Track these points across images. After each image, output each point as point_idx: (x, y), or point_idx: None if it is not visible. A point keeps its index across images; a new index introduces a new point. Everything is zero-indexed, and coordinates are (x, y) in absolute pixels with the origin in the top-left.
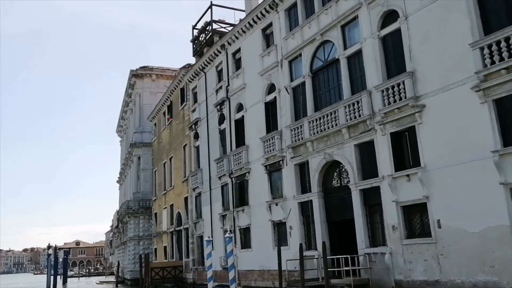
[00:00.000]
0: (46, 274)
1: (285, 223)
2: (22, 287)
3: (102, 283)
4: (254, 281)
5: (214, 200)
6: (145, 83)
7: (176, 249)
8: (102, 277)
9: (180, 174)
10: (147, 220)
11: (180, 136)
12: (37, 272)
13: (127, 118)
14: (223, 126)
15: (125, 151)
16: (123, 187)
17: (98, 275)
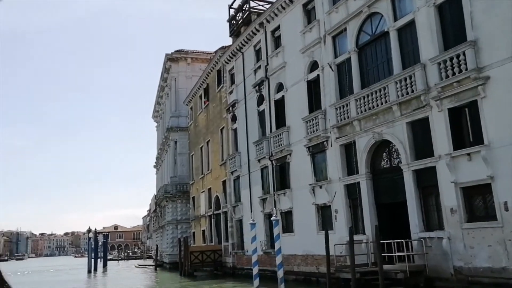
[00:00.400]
0: (87, 257)
1: (330, 206)
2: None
3: (141, 267)
4: (297, 266)
5: (253, 183)
6: (180, 67)
7: (214, 233)
8: (140, 261)
9: (218, 158)
10: (184, 204)
11: (217, 119)
12: (78, 255)
13: (163, 103)
14: (262, 107)
15: (161, 136)
16: (160, 172)
17: (136, 258)
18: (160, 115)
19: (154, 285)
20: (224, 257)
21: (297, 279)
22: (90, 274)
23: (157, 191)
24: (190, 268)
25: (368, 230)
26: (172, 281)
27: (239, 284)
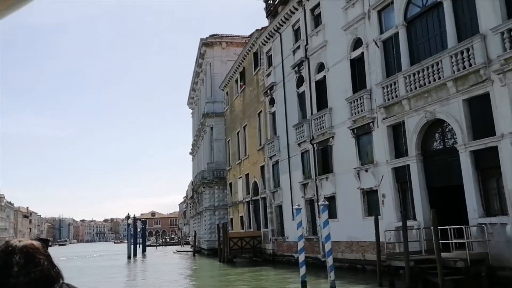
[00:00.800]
0: (127, 243)
1: (377, 191)
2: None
3: (179, 253)
4: (341, 253)
5: (293, 168)
6: (215, 52)
7: (253, 219)
8: (178, 247)
9: (255, 143)
10: (221, 190)
11: (254, 103)
12: (117, 241)
13: (198, 89)
14: (302, 89)
15: (197, 123)
16: (196, 159)
17: (174, 244)
18: (196, 101)
19: (194, 271)
20: (264, 243)
21: (341, 267)
22: (130, 260)
23: (194, 178)
24: (229, 255)
25: (419, 215)
26: (211, 267)
27: (280, 271)
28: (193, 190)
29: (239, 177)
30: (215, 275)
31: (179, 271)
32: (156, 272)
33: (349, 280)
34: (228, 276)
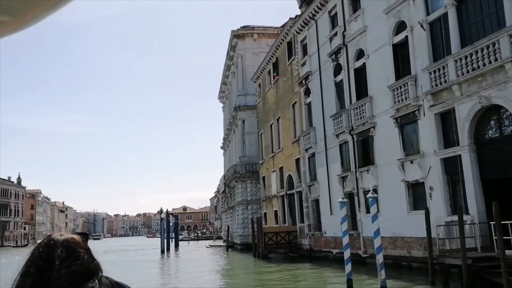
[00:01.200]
0: (160, 237)
1: (423, 183)
2: (136, 248)
3: (212, 247)
4: (384, 249)
5: (331, 160)
6: (246, 44)
7: (288, 213)
8: (210, 241)
9: (290, 135)
10: (254, 184)
11: (288, 94)
12: (150, 235)
13: (229, 83)
14: (340, 77)
15: (228, 117)
16: (228, 153)
17: (205, 239)
18: (226, 95)
19: (228, 267)
20: (300, 238)
21: (385, 263)
22: (163, 255)
23: (226, 172)
24: (264, 250)
25: (473, 209)
26: (246, 263)
27: (318, 267)
28: (225, 185)
29: (272, 170)
30: (251, 271)
31: (213, 267)
32: (190, 268)
33: (397, 278)
34: (264, 273)
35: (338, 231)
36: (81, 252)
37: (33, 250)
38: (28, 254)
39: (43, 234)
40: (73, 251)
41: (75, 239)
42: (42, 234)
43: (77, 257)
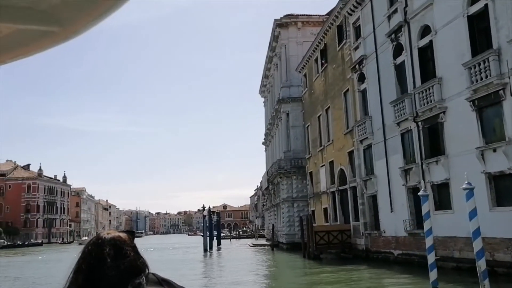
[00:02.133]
0: (203, 236)
1: (510, 174)
2: (178, 246)
3: (256, 246)
4: (459, 251)
5: (391, 152)
6: (290, 33)
7: (340, 211)
8: (252, 240)
9: (341, 126)
10: (300, 181)
11: (338, 82)
12: (191, 233)
13: (271, 75)
14: (401, 59)
15: (270, 111)
16: (270, 148)
17: (247, 237)
18: (268, 89)
19: (276, 268)
20: (354, 238)
21: (460, 267)
22: (206, 253)
23: (269, 168)
24: (315, 250)
25: None
26: (295, 263)
27: (378, 270)
28: (268, 181)
29: (321, 165)
30: (302, 273)
31: (260, 267)
32: (236, 268)
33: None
34: (317, 275)
35: (400, 230)
36: (128, 250)
37: (83, 248)
38: (79, 252)
39: (88, 231)
40: (120, 249)
41: (121, 237)
42: (87, 231)
43: (125, 255)
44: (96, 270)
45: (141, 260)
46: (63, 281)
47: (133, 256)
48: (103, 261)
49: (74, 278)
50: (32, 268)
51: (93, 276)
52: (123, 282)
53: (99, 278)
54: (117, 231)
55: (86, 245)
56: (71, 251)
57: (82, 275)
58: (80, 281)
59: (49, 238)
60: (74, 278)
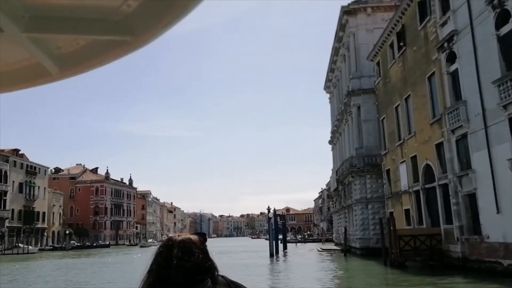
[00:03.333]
0: (265, 239)
1: None
2: (242, 250)
3: (325, 251)
4: None
5: (494, 141)
6: (359, 20)
7: (426, 212)
8: (318, 244)
9: (425, 115)
10: (375, 180)
11: (421, 65)
12: (254, 236)
13: (338, 68)
14: (507, 29)
15: (337, 106)
16: (338, 147)
17: (313, 241)
18: (334, 83)
19: (356, 276)
20: (446, 244)
21: None
22: (272, 258)
23: (338, 168)
24: (399, 257)
25: None
26: (375, 271)
27: (482, 284)
28: (337, 181)
29: (401, 161)
30: (384, 283)
31: (335, 276)
32: (307, 276)
33: None
34: (405, 287)
35: (510, 235)
36: (196, 252)
37: (156, 249)
38: (153, 252)
39: (153, 234)
40: (189, 251)
41: (191, 239)
42: (152, 233)
43: (192, 256)
44: (165, 271)
45: (210, 262)
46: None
47: (201, 258)
48: (170, 262)
49: (146, 277)
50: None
51: (162, 276)
52: (188, 282)
53: (167, 278)
54: (189, 234)
55: (158, 247)
56: (137, 253)
57: (152, 275)
58: (150, 280)
59: (117, 240)
60: (146, 278)
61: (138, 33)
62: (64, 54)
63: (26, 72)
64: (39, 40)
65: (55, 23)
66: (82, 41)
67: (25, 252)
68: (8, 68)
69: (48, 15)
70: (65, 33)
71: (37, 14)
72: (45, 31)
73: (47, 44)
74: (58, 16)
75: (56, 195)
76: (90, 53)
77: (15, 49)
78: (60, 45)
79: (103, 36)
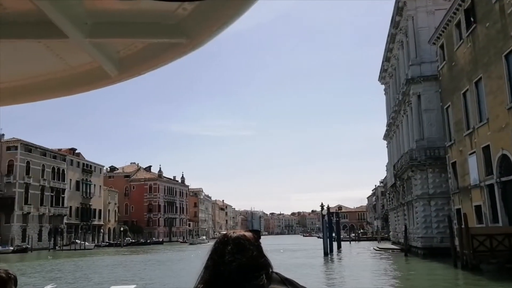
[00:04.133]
0: (318, 237)
1: None
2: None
3: (381, 250)
4: None
5: None
6: (418, 2)
7: (502, 209)
8: (373, 243)
9: (502, 99)
10: (438, 174)
11: (496, 43)
12: (306, 234)
13: (395, 56)
14: None
15: (393, 98)
16: (395, 140)
17: (367, 239)
18: (391, 72)
19: (423, 280)
20: None
21: None
22: (327, 257)
23: (396, 162)
24: (473, 259)
25: None
26: (446, 275)
27: None
28: (395, 177)
29: (470, 152)
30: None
31: (399, 279)
32: (367, 278)
33: None
34: None
35: None
36: (250, 248)
37: (212, 246)
38: (209, 249)
39: (205, 231)
40: (243, 247)
41: (246, 236)
42: (205, 230)
43: (246, 253)
44: (219, 267)
45: (264, 259)
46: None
47: (255, 254)
48: (225, 258)
49: (202, 273)
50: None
51: (217, 271)
52: (243, 278)
53: (222, 274)
54: (243, 231)
55: (214, 243)
56: (190, 249)
57: (208, 271)
58: (206, 276)
59: (170, 237)
60: (203, 273)
61: (193, 35)
62: (123, 57)
63: (87, 75)
64: (100, 44)
65: (115, 28)
66: (139, 45)
67: (82, 248)
68: (72, 72)
69: (108, 21)
70: (124, 37)
71: (98, 20)
72: (106, 36)
73: (107, 48)
74: (118, 22)
75: (111, 192)
76: (147, 56)
77: (78, 54)
78: (119, 49)
79: (159, 39)
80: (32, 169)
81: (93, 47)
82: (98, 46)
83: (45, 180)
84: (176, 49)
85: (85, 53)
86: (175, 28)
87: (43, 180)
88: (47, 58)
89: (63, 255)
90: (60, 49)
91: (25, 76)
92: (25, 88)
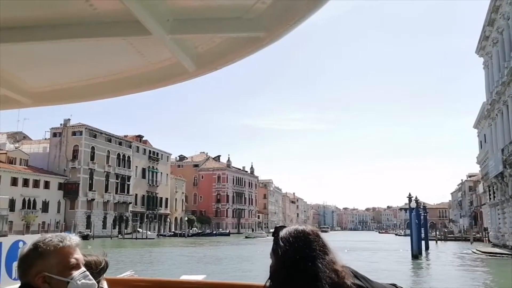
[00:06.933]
0: (401, 235)
1: None
2: (372, 247)
3: (485, 254)
4: None
5: None
6: None
7: None
8: (463, 243)
9: None
10: None
11: None
12: (382, 231)
13: (502, 15)
14: None
15: (499, 70)
16: (500, 120)
17: (455, 239)
18: (495, 38)
19: None
20: None
21: None
22: (417, 261)
23: (505, 146)
24: None
25: None
26: None
27: None
28: (504, 164)
29: None
30: None
31: None
32: None
33: None
34: None
35: None
36: (315, 241)
37: (282, 241)
38: (280, 243)
39: (275, 224)
40: (308, 241)
41: (305, 230)
42: (274, 223)
43: (311, 246)
44: (300, 262)
45: (329, 257)
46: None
47: (320, 248)
48: (299, 253)
49: (278, 269)
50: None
51: (297, 267)
52: (313, 272)
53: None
54: (310, 226)
55: (284, 238)
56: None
57: (283, 267)
58: (284, 273)
59: (238, 229)
60: (279, 269)
61: (271, 29)
62: (201, 52)
63: (167, 70)
64: (181, 40)
65: (195, 24)
66: (217, 39)
67: (144, 237)
68: (152, 67)
69: (189, 17)
70: (204, 32)
71: (179, 17)
72: (187, 32)
73: (187, 44)
74: (198, 18)
75: (178, 181)
76: (225, 51)
77: (159, 50)
78: (197, 44)
79: (237, 34)
80: (97, 155)
81: (173, 43)
82: (178, 42)
83: (110, 167)
84: (254, 43)
85: (165, 49)
86: (254, 22)
87: (108, 167)
88: (130, 55)
89: (121, 244)
90: (142, 46)
91: (110, 72)
92: (109, 84)
